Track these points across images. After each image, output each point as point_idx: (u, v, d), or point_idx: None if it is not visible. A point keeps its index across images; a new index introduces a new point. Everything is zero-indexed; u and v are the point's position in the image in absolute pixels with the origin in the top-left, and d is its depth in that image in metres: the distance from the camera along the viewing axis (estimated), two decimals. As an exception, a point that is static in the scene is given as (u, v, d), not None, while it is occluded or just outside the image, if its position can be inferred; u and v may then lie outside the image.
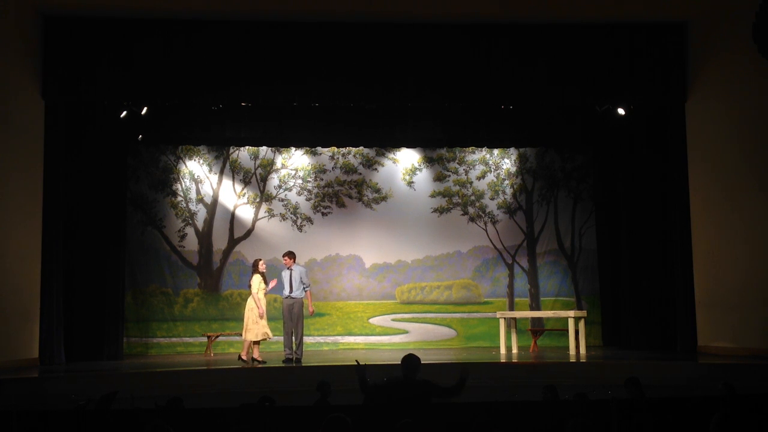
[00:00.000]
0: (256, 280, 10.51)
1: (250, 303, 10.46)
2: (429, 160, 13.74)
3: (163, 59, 10.64)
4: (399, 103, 11.60)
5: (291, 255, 10.73)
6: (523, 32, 11.00)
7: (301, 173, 13.50)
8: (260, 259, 10.82)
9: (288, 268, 10.63)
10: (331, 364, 10.10)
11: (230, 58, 10.74)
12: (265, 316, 10.39)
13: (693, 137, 11.06)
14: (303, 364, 10.16)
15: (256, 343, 10.41)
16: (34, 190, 10.45)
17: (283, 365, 10.16)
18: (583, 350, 11.05)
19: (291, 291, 10.49)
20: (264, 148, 13.43)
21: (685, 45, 11.11)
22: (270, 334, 10.46)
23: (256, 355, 10.33)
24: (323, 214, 13.52)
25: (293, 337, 10.45)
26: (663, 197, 11.56)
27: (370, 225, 13.55)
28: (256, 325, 10.33)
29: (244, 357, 10.33)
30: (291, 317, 10.46)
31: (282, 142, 13.23)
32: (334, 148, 13.50)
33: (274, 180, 13.48)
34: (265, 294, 10.60)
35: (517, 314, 12.54)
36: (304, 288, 10.57)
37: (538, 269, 13.69)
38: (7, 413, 5.18)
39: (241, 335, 12.62)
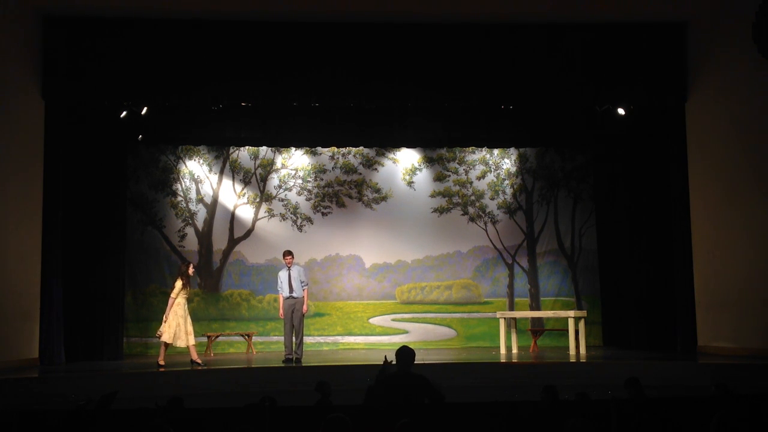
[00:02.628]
0: (179, 284, 10.12)
1: (179, 307, 10.03)
2: (429, 160, 13.74)
3: (163, 59, 10.63)
4: (399, 103, 11.60)
5: (292, 254, 10.74)
6: (522, 32, 10.99)
7: (301, 173, 13.51)
8: (189, 263, 10.54)
9: (288, 267, 10.62)
10: (331, 364, 10.10)
11: (230, 57, 10.73)
12: (172, 322, 9.98)
13: (693, 137, 11.05)
14: (303, 364, 10.16)
15: (166, 346, 10.07)
16: (34, 190, 10.45)
17: (283, 365, 10.16)
18: (583, 350, 11.05)
19: (291, 291, 10.48)
20: (264, 148, 13.44)
21: (685, 45, 11.10)
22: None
23: (161, 358, 10.06)
24: (323, 214, 13.52)
25: (293, 337, 10.45)
26: (663, 197, 11.55)
27: (370, 225, 13.56)
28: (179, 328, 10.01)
29: (196, 359, 10.14)
30: (293, 317, 10.45)
31: (282, 142, 13.23)
32: (334, 148, 13.51)
33: (274, 180, 13.48)
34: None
35: (517, 314, 12.53)
36: (302, 286, 10.56)
37: (538, 269, 13.69)
38: (7, 413, 5.18)
39: (241, 336, 12.70)
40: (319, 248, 13.34)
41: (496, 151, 13.84)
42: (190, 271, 10.36)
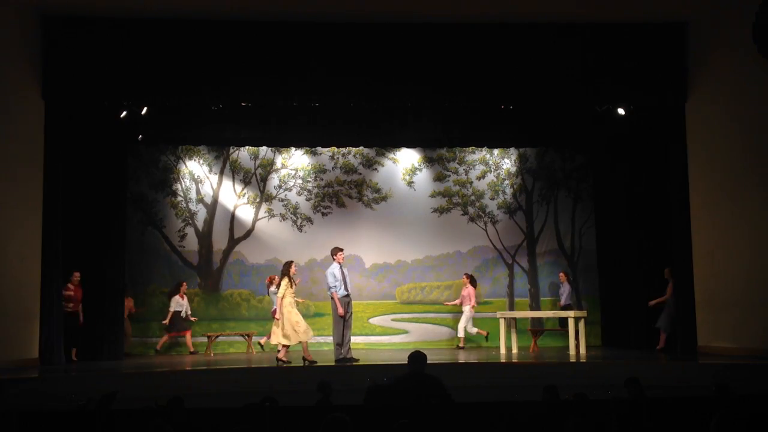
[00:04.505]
0: (284, 283, 10.20)
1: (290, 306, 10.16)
2: (429, 160, 13.75)
3: (163, 59, 10.61)
4: (399, 103, 11.59)
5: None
6: (523, 32, 10.97)
7: (301, 173, 13.51)
8: (292, 262, 10.50)
9: (340, 264, 10.45)
10: (331, 364, 10.10)
11: (230, 57, 10.71)
12: (283, 319, 10.05)
13: (693, 137, 11.05)
14: (303, 365, 10.16)
15: (286, 345, 10.17)
16: (34, 190, 10.44)
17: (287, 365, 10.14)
18: (583, 350, 11.05)
19: (347, 289, 10.36)
20: (264, 148, 13.44)
21: (685, 45, 11.10)
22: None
23: (281, 355, 10.15)
24: (323, 214, 13.52)
25: (345, 337, 10.33)
26: (663, 197, 11.55)
27: (370, 225, 13.56)
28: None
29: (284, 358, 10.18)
30: (349, 316, 10.35)
31: (282, 142, 13.24)
32: (334, 148, 13.51)
33: (274, 180, 13.49)
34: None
35: (517, 314, 12.53)
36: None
37: (538, 269, 13.69)
38: (8, 413, 5.18)
39: (241, 336, 12.71)
40: (319, 248, 13.30)
41: (496, 151, 13.85)
42: (293, 270, 10.30)
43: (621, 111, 11.69)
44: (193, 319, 12.52)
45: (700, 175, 10.92)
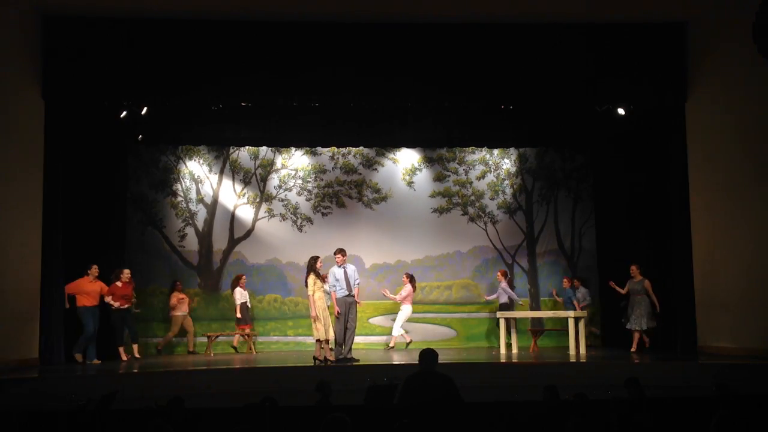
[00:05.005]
0: (311, 280, 10.27)
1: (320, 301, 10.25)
2: (429, 160, 13.74)
3: (163, 59, 10.62)
4: (399, 103, 11.60)
5: (344, 252, 10.64)
6: (522, 32, 10.98)
7: (301, 173, 13.51)
8: (318, 257, 10.54)
9: (341, 266, 10.49)
10: (331, 364, 10.09)
11: (230, 57, 10.72)
12: (318, 317, 10.14)
13: (693, 137, 11.06)
14: (303, 365, 10.16)
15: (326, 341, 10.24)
16: (34, 191, 10.44)
17: (289, 365, 10.14)
18: (583, 350, 11.05)
19: (350, 289, 10.38)
20: (264, 148, 13.44)
21: (685, 45, 11.10)
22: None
23: (321, 353, 10.20)
24: (323, 214, 13.52)
25: (346, 337, 10.31)
26: (663, 197, 11.56)
27: (370, 225, 13.55)
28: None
29: (324, 357, 10.22)
30: (351, 316, 10.34)
31: (282, 142, 13.23)
32: (334, 148, 13.51)
33: (274, 180, 13.48)
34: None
35: (517, 314, 12.52)
36: (356, 284, 10.49)
37: (538, 269, 13.69)
38: (7, 413, 5.19)
39: (242, 335, 12.69)
40: (319, 248, 13.23)
41: (496, 151, 13.84)
42: (319, 264, 10.36)
43: (621, 111, 11.68)
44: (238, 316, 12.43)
45: (700, 175, 10.93)
